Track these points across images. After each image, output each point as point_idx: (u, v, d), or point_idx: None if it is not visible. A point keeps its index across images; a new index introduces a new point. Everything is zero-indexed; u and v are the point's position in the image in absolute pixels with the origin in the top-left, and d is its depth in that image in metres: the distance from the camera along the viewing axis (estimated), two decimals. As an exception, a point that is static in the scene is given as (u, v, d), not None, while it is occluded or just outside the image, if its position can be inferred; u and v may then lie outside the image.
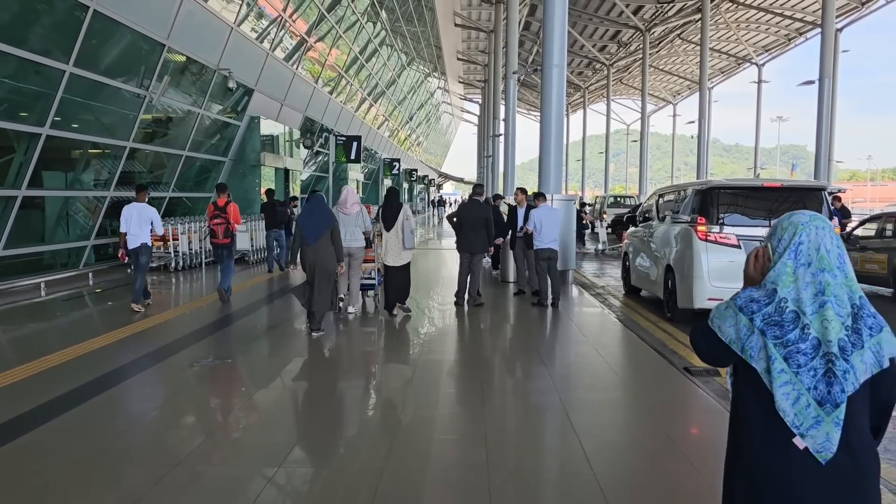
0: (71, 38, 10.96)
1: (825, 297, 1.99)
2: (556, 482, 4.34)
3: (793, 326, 1.98)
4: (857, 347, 1.96)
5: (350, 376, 6.91)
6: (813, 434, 1.94)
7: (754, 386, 2.04)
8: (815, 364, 1.96)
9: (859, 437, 1.98)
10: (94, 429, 5.08)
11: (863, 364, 1.96)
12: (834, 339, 1.95)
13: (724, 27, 40.36)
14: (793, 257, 2.05)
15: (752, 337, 2.03)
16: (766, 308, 2.03)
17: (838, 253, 2.05)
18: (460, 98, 71.66)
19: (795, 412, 1.96)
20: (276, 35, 20.27)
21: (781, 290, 2.03)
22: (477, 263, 10.68)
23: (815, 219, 2.09)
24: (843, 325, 1.97)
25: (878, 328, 2.01)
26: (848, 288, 2.02)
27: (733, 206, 9.42)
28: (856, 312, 2.00)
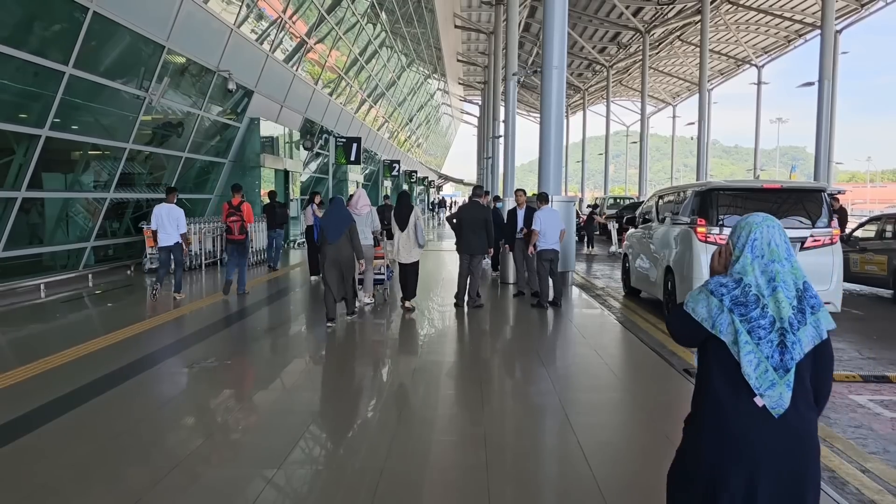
0: (70, 39, 10.97)
1: (776, 282, 2.46)
2: (555, 483, 4.34)
3: (755, 306, 2.45)
4: (802, 324, 2.44)
5: (351, 376, 6.90)
6: (769, 394, 2.39)
7: (720, 358, 2.48)
8: (772, 337, 2.42)
9: (804, 397, 2.45)
10: (94, 430, 5.07)
11: (807, 337, 2.44)
12: (786, 317, 2.42)
13: (724, 29, 40.39)
14: (751, 251, 2.52)
15: (722, 315, 2.47)
16: (734, 291, 2.49)
17: (786, 246, 2.53)
18: (460, 99, 71.67)
19: (757, 376, 2.40)
20: (276, 37, 20.28)
21: (746, 278, 2.49)
22: (476, 265, 10.69)
23: (766, 219, 2.59)
24: (791, 306, 2.45)
25: (819, 307, 2.49)
26: (794, 275, 2.49)
27: (733, 208, 9.42)
28: (800, 295, 2.47)
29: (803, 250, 9.06)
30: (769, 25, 39.02)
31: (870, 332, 9.80)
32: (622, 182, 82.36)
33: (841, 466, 4.81)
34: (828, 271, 9.04)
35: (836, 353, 7.60)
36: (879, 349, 8.64)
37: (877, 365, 7.81)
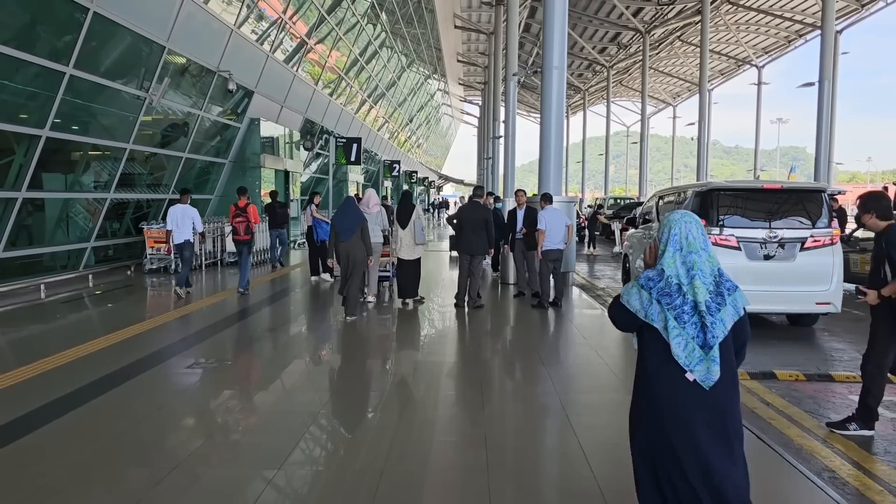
0: (71, 40, 10.97)
1: (694, 271, 2.85)
2: (555, 484, 4.33)
3: (677, 295, 2.84)
4: (721, 305, 2.82)
5: (352, 376, 6.90)
6: (698, 369, 2.78)
7: (655, 341, 2.87)
8: (695, 320, 2.80)
9: (728, 369, 2.83)
10: (94, 430, 5.07)
11: (728, 316, 2.82)
12: (702, 301, 2.80)
13: (724, 29, 40.39)
14: (672, 246, 2.92)
15: (652, 306, 2.87)
16: (659, 284, 2.88)
17: (702, 238, 2.93)
18: (460, 100, 71.66)
19: (686, 355, 2.79)
20: (277, 37, 20.28)
21: (667, 269, 2.88)
22: (477, 265, 10.68)
23: (684, 216, 2.98)
24: (707, 291, 2.83)
25: (734, 288, 2.88)
26: (710, 262, 2.89)
27: (733, 208, 9.41)
28: (717, 280, 2.87)
29: (803, 251, 9.06)
30: (769, 26, 39.01)
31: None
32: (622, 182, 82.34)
33: (842, 467, 4.81)
34: (828, 272, 9.04)
35: (836, 354, 7.63)
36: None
37: (877, 365, 7.80)
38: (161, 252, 14.51)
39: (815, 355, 8.37)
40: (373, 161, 41.71)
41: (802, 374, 7.21)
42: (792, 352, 8.49)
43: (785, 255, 9.06)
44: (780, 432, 5.47)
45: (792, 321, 10.24)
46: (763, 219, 9.22)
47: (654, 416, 2.88)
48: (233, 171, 19.37)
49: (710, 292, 2.83)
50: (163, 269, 14.52)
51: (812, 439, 5.35)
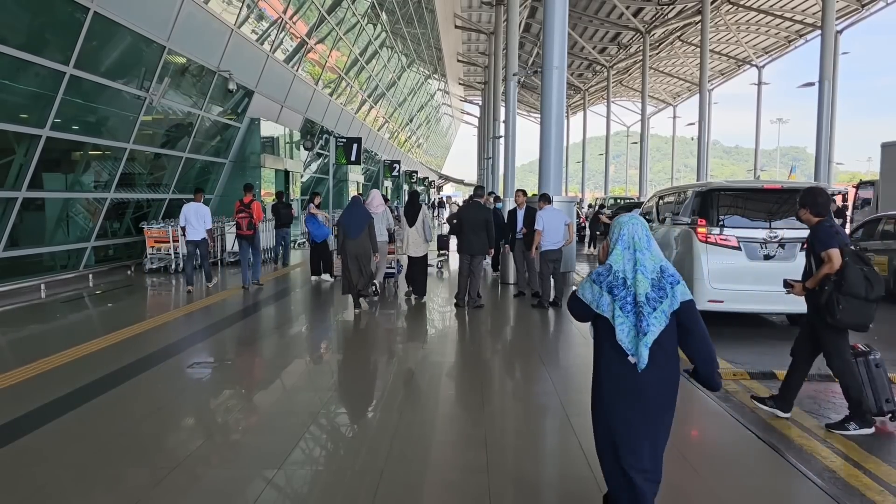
0: (71, 39, 10.97)
1: (637, 267, 3.23)
2: (556, 484, 4.33)
3: (622, 288, 3.23)
4: (662, 298, 3.19)
5: (352, 376, 6.90)
6: (636, 353, 3.19)
7: (606, 329, 3.29)
8: (636, 311, 3.19)
9: (665, 355, 3.21)
10: (94, 430, 5.07)
11: (668, 306, 3.19)
12: (642, 293, 3.19)
13: (724, 29, 40.38)
14: (620, 245, 3.30)
15: (603, 297, 3.28)
16: (608, 278, 3.28)
17: (646, 238, 3.29)
18: (460, 100, 71.64)
19: (628, 340, 3.21)
20: (277, 37, 20.28)
21: (615, 265, 3.28)
22: (477, 265, 10.68)
23: (632, 218, 3.36)
24: (650, 285, 3.20)
25: (676, 281, 3.24)
26: (653, 261, 3.25)
27: (733, 208, 9.41)
28: (659, 275, 3.23)
29: (804, 251, 9.04)
30: (769, 26, 39.00)
31: (870, 333, 9.75)
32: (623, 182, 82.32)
33: (842, 467, 4.80)
34: (828, 272, 9.03)
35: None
36: (881, 350, 8.60)
37: (877, 365, 7.79)
38: (161, 251, 14.50)
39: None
40: (373, 161, 41.70)
41: (803, 374, 7.19)
42: (792, 352, 8.47)
43: (785, 254, 9.06)
44: (780, 433, 5.47)
45: (792, 321, 10.23)
46: (763, 219, 9.22)
47: (604, 396, 3.35)
48: (233, 170, 19.37)
49: (651, 286, 3.21)
50: (163, 268, 14.51)
51: (812, 439, 5.34)
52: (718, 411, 5.71)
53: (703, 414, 5.81)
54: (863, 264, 5.27)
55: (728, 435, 5.20)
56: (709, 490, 4.21)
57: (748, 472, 4.45)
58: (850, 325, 5.29)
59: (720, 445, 5.08)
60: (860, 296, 5.13)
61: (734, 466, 4.58)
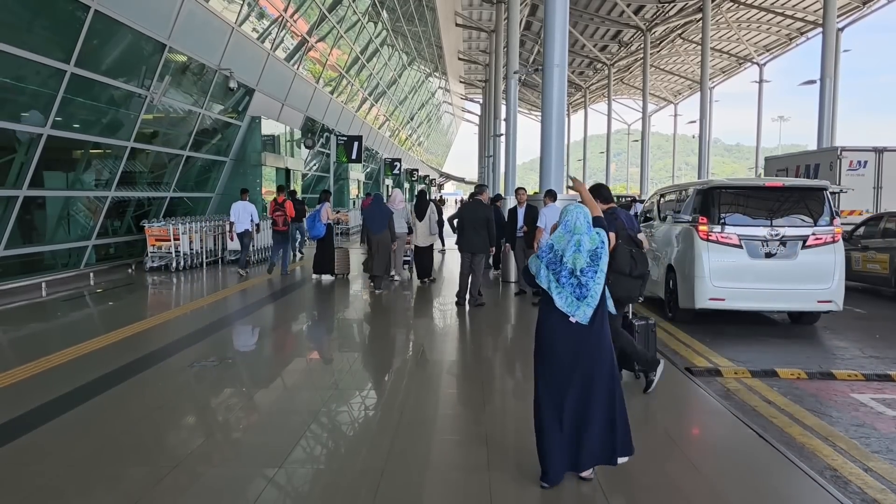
0: (72, 38, 10.96)
1: (576, 247, 3.99)
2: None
3: (559, 264, 4.02)
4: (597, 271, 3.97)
5: (353, 374, 6.90)
6: (577, 314, 3.99)
7: (546, 297, 4.10)
8: (572, 281, 3.98)
9: (601, 312, 4.04)
10: (95, 429, 5.07)
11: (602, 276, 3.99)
12: (578, 267, 3.96)
13: (726, 27, 40.31)
14: (563, 227, 4.08)
15: (542, 270, 4.08)
16: (548, 255, 4.06)
17: (586, 224, 4.04)
18: (461, 98, 71.56)
19: (566, 305, 4.00)
20: (278, 35, 20.26)
21: (557, 245, 4.06)
22: (478, 263, 10.67)
23: (577, 207, 4.12)
24: (585, 261, 3.96)
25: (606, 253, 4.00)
26: (591, 243, 4.00)
27: (735, 206, 9.40)
28: (596, 254, 3.97)
29: (805, 248, 9.05)
30: (771, 23, 38.92)
31: (872, 331, 9.78)
32: (624, 181, 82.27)
33: (844, 466, 4.80)
34: (829, 270, 9.02)
35: (838, 352, 7.62)
36: (882, 348, 8.62)
37: (879, 364, 7.79)
38: (161, 250, 14.51)
39: (817, 353, 8.36)
40: (374, 159, 41.70)
41: (804, 372, 7.20)
42: (793, 350, 8.48)
43: (786, 253, 9.05)
44: (781, 431, 5.46)
45: (793, 319, 10.23)
46: (765, 217, 9.21)
47: (542, 350, 4.16)
48: (234, 169, 19.37)
49: (587, 262, 3.96)
50: (164, 267, 14.51)
51: (814, 438, 5.34)
52: (719, 409, 5.71)
53: (704, 412, 5.81)
54: (633, 246, 6.09)
55: (729, 433, 5.19)
56: (710, 488, 4.20)
57: (749, 470, 4.44)
58: (618, 297, 5.90)
59: (721, 443, 5.07)
60: (625, 272, 5.89)
61: (735, 464, 4.57)
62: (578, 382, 4.02)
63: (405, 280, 13.72)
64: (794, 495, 4.20)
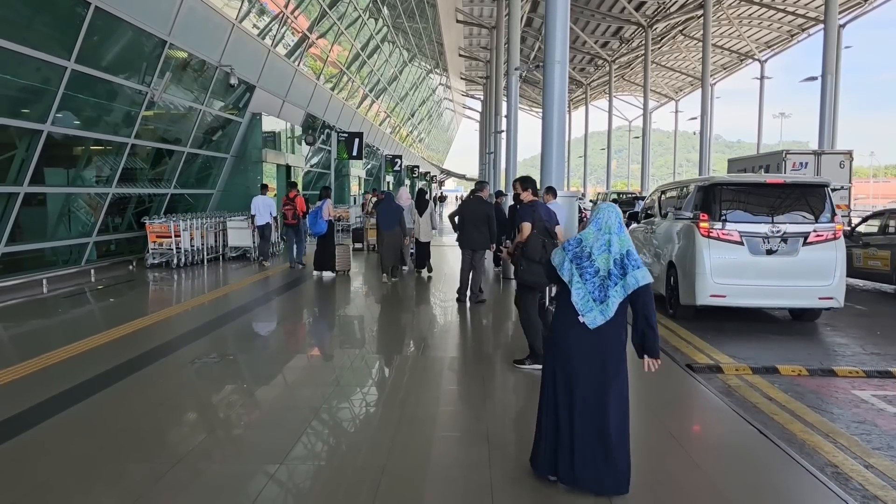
0: (72, 34, 10.94)
1: (606, 247, 3.90)
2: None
3: (587, 259, 3.92)
4: (623, 276, 3.84)
5: (353, 370, 6.90)
6: (588, 315, 3.88)
7: (563, 291, 4.03)
8: (595, 280, 3.88)
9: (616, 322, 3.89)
10: (96, 426, 5.07)
11: (628, 284, 3.84)
12: (604, 269, 3.88)
13: (727, 23, 40.24)
14: (594, 224, 3.98)
15: (565, 263, 3.99)
16: (576, 249, 3.98)
17: (618, 225, 3.93)
18: (462, 94, 71.51)
19: (581, 303, 3.90)
20: (278, 32, 20.23)
21: (585, 241, 3.97)
22: (479, 260, 10.67)
23: (610, 206, 4.03)
24: (612, 262, 3.87)
25: (637, 266, 3.86)
26: (619, 245, 3.89)
27: (736, 203, 9.39)
28: (623, 257, 3.86)
29: (806, 245, 9.04)
30: (772, 20, 38.87)
31: (873, 328, 9.78)
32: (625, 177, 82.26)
33: (844, 462, 4.80)
34: (830, 267, 9.02)
35: (839, 349, 7.62)
36: (883, 345, 8.62)
37: (880, 360, 7.79)
38: (162, 247, 14.50)
39: (818, 350, 8.36)
40: (374, 156, 41.68)
41: (805, 369, 7.20)
42: (794, 347, 8.48)
43: (788, 249, 9.04)
44: (782, 427, 5.46)
45: (794, 316, 10.22)
46: (766, 213, 9.20)
47: (555, 344, 4.07)
48: (234, 165, 19.35)
49: (614, 264, 3.86)
50: (165, 263, 14.51)
51: (815, 434, 5.34)
52: (720, 406, 5.70)
53: (705, 409, 5.81)
54: (547, 237, 6.48)
55: (730, 430, 5.19)
56: (711, 485, 4.20)
57: (750, 466, 4.44)
58: (529, 282, 6.54)
59: (722, 440, 5.07)
60: (535, 259, 6.29)
61: (736, 461, 4.57)
62: (573, 385, 3.94)
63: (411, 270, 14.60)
64: (794, 492, 4.19)
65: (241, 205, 18.95)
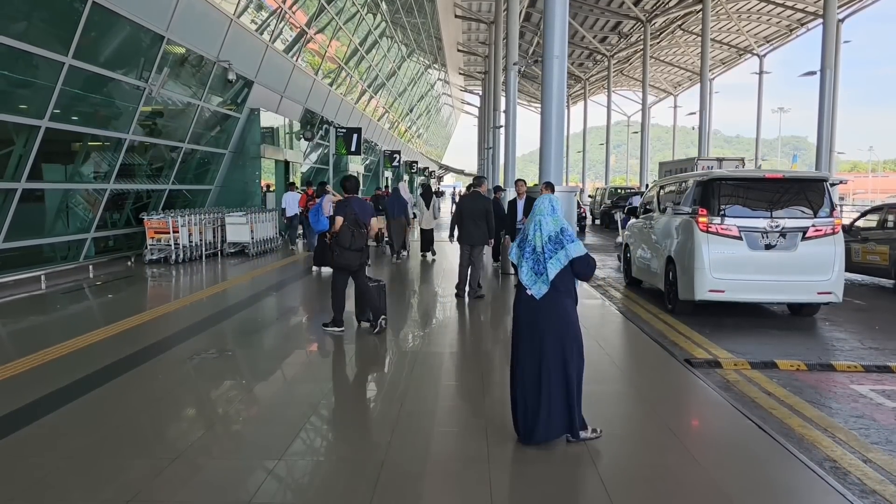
0: (70, 29, 10.91)
1: (538, 227, 4.54)
2: (557, 475, 4.32)
3: (527, 242, 4.58)
4: (557, 250, 4.46)
5: (353, 365, 6.90)
6: (533, 287, 4.53)
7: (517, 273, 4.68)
8: (533, 257, 4.53)
9: (556, 289, 4.50)
10: (94, 421, 5.07)
11: (562, 257, 4.47)
12: (539, 246, 4.51)
13: (726, 18, 40.18)
14: (531, 211, 4.66)
15: (514, 249, 4.72)
16: (521, 237, 4.67)
17: (550, 209, 4.57)
18: (460, 90, 71.39)
19: (526, 279, 4.56)
20: (276, 27, 20.19)
21: (525, 228, 4.67)
22: (478, 255, 10.67)
23: (542, 197, 4.70)
24: (547, 240, 4.49)
25: (572, 241, 4.49)
26: (553, 224, 4.52)
27: (735, 198, 9.39)
28: (558, 235, 4.48)
29: (805, 240, 9.04)
30: (771, 14, 38.81)
31: (872, 323, 9.79)
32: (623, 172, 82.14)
33: (843, 457, 4.80)
34: (829, 261, 9.03)
35: (837, 343, 7.64)
36: (882, 339, 8.63)
37: (879, 355, 7.80)
38: (161, 243, 14.49)
39: (817, 345, 8.37)
40: (373, 151, 41.62)
41: (804, 363, 7.21)
42: (793, 341, 8.49)
43: (786, 244, 9.05)
44: (781, 422, 5.47)
45: (793, 311, 10.23)
46: (765, 208, 9.20)
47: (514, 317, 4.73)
48: (233, 161, 19.33)
49: (549, 241, 4.47)
50: (163, 259, 14.51)
51: (813, 429, 5.34)
52: (719, 401, 5.71)
53: (704, 403, 5.81)
54: (356, 228, 7.65)
55: (728, 424, 5.19)
56: (709, 479, 4.21)
57: (748, 461, 4.44)
58: (341, 265, 7.79)
59: (720, 435, 5.07)
60: (344, 246, 7.61)
61: (734, 456, 4.58)
62: (533, 350, 4.52)
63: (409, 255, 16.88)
64: (793, 486, 4.20)
65: (240, 200, 18.96)
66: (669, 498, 3.99)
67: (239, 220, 16.05)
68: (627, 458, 4.56)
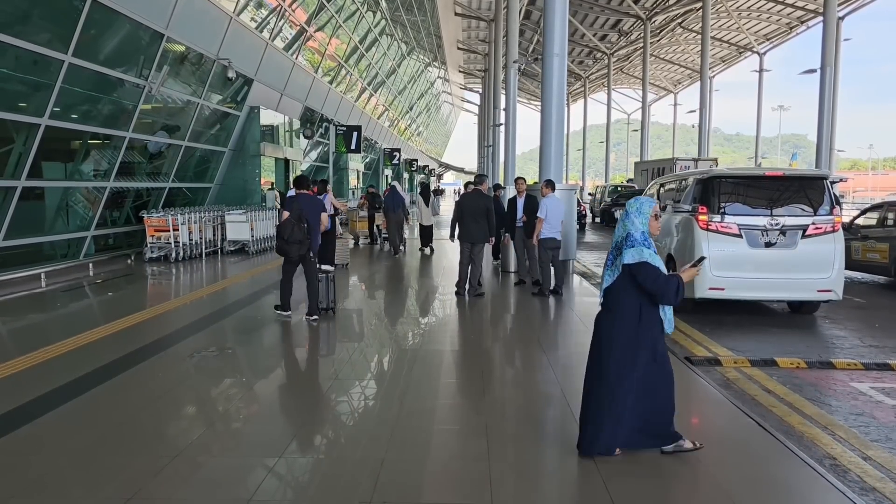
0: (69, 27, 10.90)
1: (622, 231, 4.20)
2: (557, 473, 4.33)
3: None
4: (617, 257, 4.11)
5: (353, 362, 6.90)
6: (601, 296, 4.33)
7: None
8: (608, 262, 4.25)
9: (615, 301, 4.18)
10: (94, 419, 5.07)
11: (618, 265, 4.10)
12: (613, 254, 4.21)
13: (726, 15, 40.19)
14: None
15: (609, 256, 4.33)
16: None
17: (626, 213, 4.19)
18: (460, 88, 71.41)
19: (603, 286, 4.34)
20: (276, 24, 20.18)
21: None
22: (478, 253, 10.66)
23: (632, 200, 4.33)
24: (614, 245, 4.21)
25: (631, 246, 4.05)
26: (623, 228, 4.16)
27: (735, 196, 9.38)
28: (622, 242, 4.12)
29: (805, 238, 9.04)
30: (771, 12, 38.83)
31: (871, 321, 9.79)
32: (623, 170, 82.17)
33: (843, 454, 4.81)
34: (829, 259, 9.02)
35: (837, 341, 7.64)
36: (881, 337, 8.63)
37: (878, 353, 7.80)
38: (161, 241, 14.49)
39: (817, 343, 8.37)
40: (373, 149, 41.62)
41: (804, 361, 7.21)
42: (793, 339, 8.49)
43: (786, 242, 9.04)
44: (781, 420, 5.47)
45: (793, 309, 10.24)
46: (765, 206, 9.20)
47: None
48: (232, 159, 19.33)
49: (615, 247, 4.17)
50: (163, 257, 14.51)
51: (813, 427, 5.35)
52: (719, 398, 5.71)
53: (704, 402, 5.81)
54: (300, 222, 8.20)
55: (728, 422, 5.20)
56: (710, 477, 4.21)
57: (748, 459, 4.45)
58: (280, 254, 8.40)
59: (720, 432, 5.07)
60: (283, 238, 8.26)
61: (734, 453, 4.58)
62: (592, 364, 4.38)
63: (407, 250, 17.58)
64: (793, 484, 4.20)
65: (240, 198, 18.96)
66: (670, 495, 3.99)
67: (239, 218, 16.05)
68: (627, 456, 4.56)
